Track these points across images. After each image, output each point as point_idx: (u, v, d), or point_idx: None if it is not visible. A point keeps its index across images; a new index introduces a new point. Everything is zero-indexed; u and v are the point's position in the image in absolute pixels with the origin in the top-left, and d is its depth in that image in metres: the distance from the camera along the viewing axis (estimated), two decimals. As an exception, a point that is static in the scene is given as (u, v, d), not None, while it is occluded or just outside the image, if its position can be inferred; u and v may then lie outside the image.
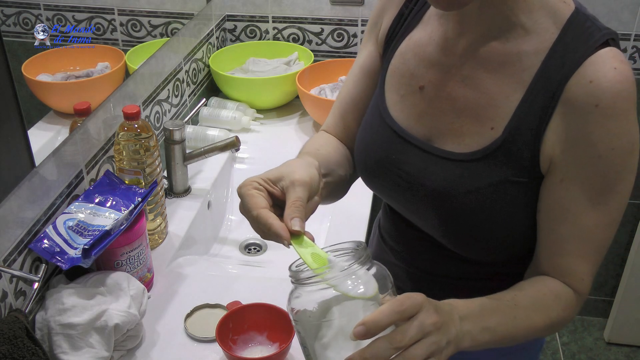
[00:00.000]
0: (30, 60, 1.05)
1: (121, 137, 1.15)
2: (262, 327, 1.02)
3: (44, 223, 1.02)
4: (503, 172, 0.78)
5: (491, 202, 0.79)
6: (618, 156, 0.74)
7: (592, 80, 0.72)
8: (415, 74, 0.86)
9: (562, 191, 0.77)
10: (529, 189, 0.79)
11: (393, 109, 0.88)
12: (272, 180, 0.75)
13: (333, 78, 1.79)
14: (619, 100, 0.72)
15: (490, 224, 0.81)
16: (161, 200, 1.24)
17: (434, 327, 0.64)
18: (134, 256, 1.08)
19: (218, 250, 1.44)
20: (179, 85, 1.57)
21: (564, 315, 0.80)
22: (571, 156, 0.75)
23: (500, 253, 0.86)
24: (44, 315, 0.95)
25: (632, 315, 2.20)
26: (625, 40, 1.80)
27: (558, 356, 2.24)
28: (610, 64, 0.72)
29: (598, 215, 0.77)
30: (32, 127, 1.03)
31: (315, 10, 1.85)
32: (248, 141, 1.64)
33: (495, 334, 0.74)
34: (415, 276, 0.97)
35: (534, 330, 0.79)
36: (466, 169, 0.80)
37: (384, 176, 0.89)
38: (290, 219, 0.70)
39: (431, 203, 0.84)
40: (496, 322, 0.74)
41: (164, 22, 1.49)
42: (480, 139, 0.80)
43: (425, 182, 0.84)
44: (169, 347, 1.03)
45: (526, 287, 0.81)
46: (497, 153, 0.78)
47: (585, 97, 0.72)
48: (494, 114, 0.79)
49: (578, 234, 0.78)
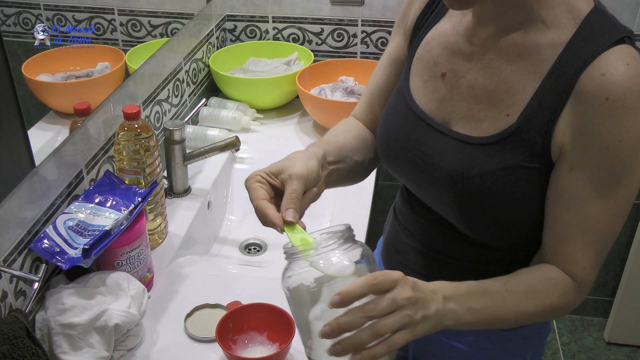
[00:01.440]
0: (30, 60, 1.05)
1: (121, 137, 1.15)
2: (262, 327, 1.02)
3: (44, 223, 1.02)
4: (515, 157, 0.81)
5: (502, 185, 0.82)
6: (626, 148, 0.76)
7: (604, 74, 0.75)
8: (439, 61, 0.91)
9: (571, 179, 0.79)
10: (539, 174, 0.82)
11: (416, 93, 0.93)
12: (273, 173, 0.82)
13: (333, 78, 1.79)
14: (629, 94, 0.74)
15: (500, 207, 0.84)
16: (161, 200, 1.24)
17: (407, 302, 0.69)
18: (134, 256, 1.08)
19: (218, 250, 1.44)
20: (179, 85, 1.57)
21: (560, 303, 0.83)
22: (580, 146, 0.78)
23: (510, 237, 0.88)
24: (44, 315, 0.95)
25: (632, 315, 2.20)
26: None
27: (558, 356, 2.24)
28: (623, 59, 0.75)
29: (604, 206, 0.79)
30: (32, 127, 1.03)
31: (315, 10, 1.85)
32: (248, 141, 1.64)
33: (481, 316, 0.78)
34: (427, 256, 0.99)
35: (525, 315, 0.82)
36: (480, 152, 0.84)
37: (403, 156, 0.93)
38: (285, 210, 0.77)
39: (445, 183, 0.87)
40: (483, 304, 0.78)
41: (164, 22, 1.49)
42: (496, 125, 0.83)
43: (441, 163, 0.88)
44: (169, 347, 1.03)
45: (522, 273, 0.84)
46: (511, 139, 0.82)
47: (597, 89, 0.75)
48: (510, 102, 0.82)
49: (582, 222, 0.81)
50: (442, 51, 0.91)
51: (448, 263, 0.97)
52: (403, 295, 0.69)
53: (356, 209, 1.40)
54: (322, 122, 1.69)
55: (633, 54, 0.76)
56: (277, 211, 0.78)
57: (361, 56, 1.90)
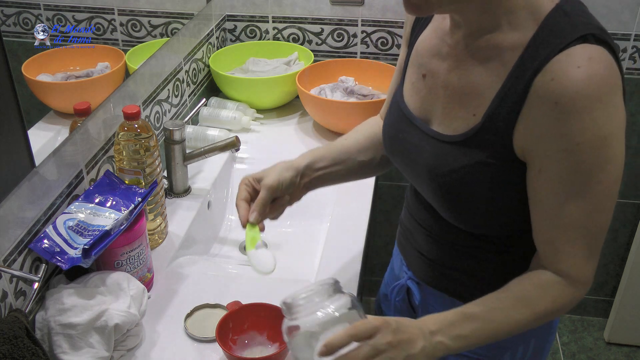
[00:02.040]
0: (30, 60, 1.05)
1: (121, 137, 1.15)
2: (262, 327, 1.02)
3: (44, 223, 1.02)
4: (481, 155, 0.84)
5: (470, 180, 0.86)
6: (587, 150, 0.76)
7: (553, 78, 0.75)
8: (422, 63, 0.96)
9: (541, 181, 0.81)
10: (507, 169, 0.84)
11: (406, 94, 0.99)
12: (256, 179, 1.01)
13: (333, 78, 1.79)
14: (577, 98, 0.74)
15: (474, 200, 0.88)
16: (161, 200, 1.24)
17: (388, 346, 0.77)
18: (134, 256, 1.08)
19: (218, 250, 1.44)
20: (179, 85, 1.57)
21: (555, 306, 0.85)
22: (541, 149, 0.79)
23: (491, 227, 0.92)
24: (44, 315, 0.95)
25: (632, 315, 2.20)
26: (625, 40, 1.79)
27: (558, 356, 2.24)
28: (575, 62, 0.74)
29: (580, 204, 0.80)
30: (32, 127, 1.03)
31: (315, 10, 1.85)
32: (248, 141, 1.64)
33: (471, 339, 0.84)
34: (435, 242, 1.03)
35: (519, 327, 0.85)
36: (450, 149, 0.88)
37: (396, 152, 1.00)
38: (251, 213, 0.97)
39: (425, 178, 0.93)
40: (470, 329, 0.83)
41: (164, 22, 1.49)
42: (464, 124, 0.87)
43: (420, 160, 0.93)
44: (169, 347, 1.03)
45: (510, 286, 0.87)
46: (476, 137, 0.85)
47: (547, 94, 0.76)
48: (476, 102, 0.85)
49: (561, 222, 0.82)
50: (424, 54, 0.95)
51: (453, 248, 1.00)
52: (383, 340, 0.77)
53: (356, 209, 1.40)
54: (322, 122, 1.69)
55: (588, 55, 0.75)
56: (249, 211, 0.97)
57: (361, 56, 1.90)
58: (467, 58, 0.87)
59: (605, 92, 0.75)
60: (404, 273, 1.14)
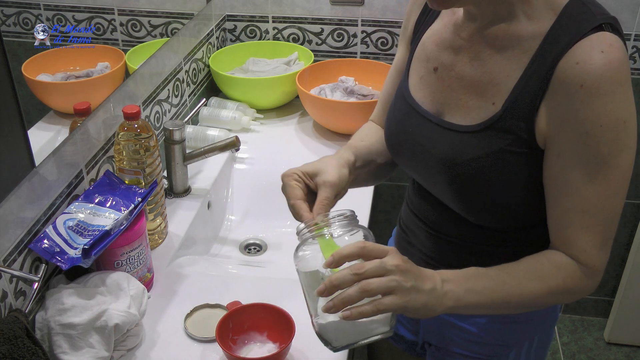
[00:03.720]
0: (30, 60, 1.05)
1: (121, 137, 1.15)
2: (262, 327, 1.02)
3: (44, 223, 1.02)
4: (500, 143, 0.85)
5: (490, 169, 0.87)
6: (608, 132, 0.79)
7: (578, 62, 0.78)
8: (431, 57, 0.96)
9: (560, 165, 0.83)
10: (526, 159, 0.85)
11: (413, 89, 0.99)
12: (309, 174, 0.91)
13: (333, 78, 1.79)
14: (603, 81, 0.77)
15: (491, 190, 0.88)
16: (161, 200, 1.24)
17: (396, 268, 0.75)
18: (134, 256, 1.08)
19: (218, 250, 1.44)
20: (179, 85, 1.57)
21: (567, 285, 0.85)
22: (563, 132, 0.81)
23: (507, 219, 0.92)
24: (44, 315, 0.95)
25: (632, 315, 2.20)
26: (625, 40, 1.79)
27: (558, 356, 2.24)
28: (598, 47, 0.78)
29: (597, 188, 0.81)
30: (32, 127, 1.03)
31: (315, 10, 1.85)
32: (248, 141, 1.64)
33: (482, 296, 0.82)
34: (437, 240, 1.03)
35: (531, 296, 0.85)
36: (469, 139, 0.88)
37: (404, 147, 0.99)
38: (317, 215, 0.86)
39: (439, 170, 0.92)
40: (482, 285, 0.83)
41: (164, 22, 1.49)
42: (482, 113, 0.88)
43: (434, 151, 0.93)
44: (169, 347, 1.03)
45: (525, 259, 0.87)
46: (496, 125, 0.86)
47: (572, 77, 0.78)
48: (495, 91, 0.87)
49: (578, 206, 0.83)
50: (434, 48, 0.96)
51: (457, 245, 1.01)
52: (392, 262, 0.75)
53: (356, 209, 1.40)
54: (322, 122, 1.69)
55: (609, 41, 0.78)
56: (310, 210, 0.87)
57: (361, 56, 1.90)
58: (483, 48, 0.88)
59: (625, 76, 0.78)
60: None
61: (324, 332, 0.79)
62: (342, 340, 0.78)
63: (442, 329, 1.10)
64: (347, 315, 0.74)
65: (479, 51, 0.89)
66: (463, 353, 1.09)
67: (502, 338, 1.06)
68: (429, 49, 0.97)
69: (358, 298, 0.74)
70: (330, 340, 0.79)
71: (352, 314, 0.74)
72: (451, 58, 0.93)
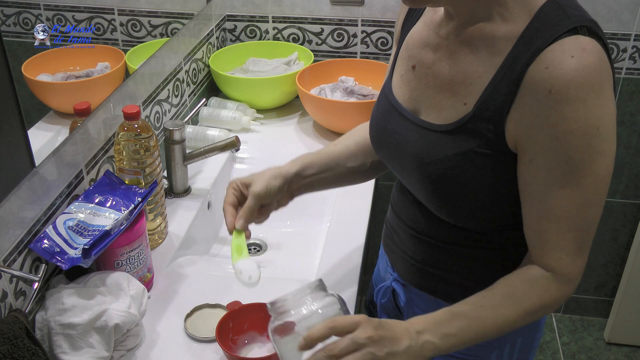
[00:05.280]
0: (30, 60, 1.05)
1: (121, 137, 1.15)
2: (262, 327, 1.02)
3: (44, 223, 1.02)
4: (471, 144, 0.85)
5: (459, 169, 0.86)
6: (579, 138, 0.77)
7: (547, 67, 0.76)
8: (412, 55, 0.96)
9: (532, 171, 0.82)
10: (496, 160, 0.84)
11: (395, 87, 0.99)
12: (245, 184, 1.01)
13: (333, 78, 1.79)
14: (572, 86, 0.75)
15: (461, 190, 0.88)
16: (161, 200, 1.24)
17: (368, 340, 0.76)
18: (134, 256, 1.08)
19: (218, 250, 1.44)
20: (179, 85, 1.57)
21: (542, 302, 0.85)
22: (533, 138, 0.80)
23: (478, 220, 0.92)
24: (44, 315, 0.95)
25: (632, 315, 2.20)
26: (625, 40, 1.80)
27: (558, 356, 2.24)
28: (569, 51, 0.76)
29: (569, 194, 0.80)
30: (32, 127, 1.03)
31: (315, 10, 1.85)
32: (248, 141, 1.64)
33: (459, 338, 0.83)
34: (420, 241, 1.03)
35: (508, 324, 0.85)
36: (440, 138, 0.88)
37: (384, 144, 1.00)
38: (238, 219, 0.99)
39: (413, 168, 0.93)
40: (458, 327, 0.83)
41: (164, 22, 1.49)
42: (454, 113, 0.87)
43: (408, 149, 0.93)
44: (169, 347, 1.03)
45: (498, 284, 0.87)
46: (467, 126, 0.85)
47: (541, 82, 0.77)
48: (467, 91, 0.86)
49: (551, 213, 0.82)
50: (415, 46, 0.96)
51: (438, 247, 1.00)
52: (363, 335, 0.76)
53: (356, 209, 1.40)
54: (322, 122, 1.69)
55: (582, 46, 0.76)
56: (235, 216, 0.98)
57: (361, 56, 1.90)
58: (458, 48, 0.88)
59: (598, 82, 0.76)
60: (389, 274, 1.13)
61: None
62: None
63: None
64: None
65: (454, 50, 0.88)
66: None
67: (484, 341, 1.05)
68: (410, 47, 0.97)
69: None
70: None
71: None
72: (429, 56, 0.92)
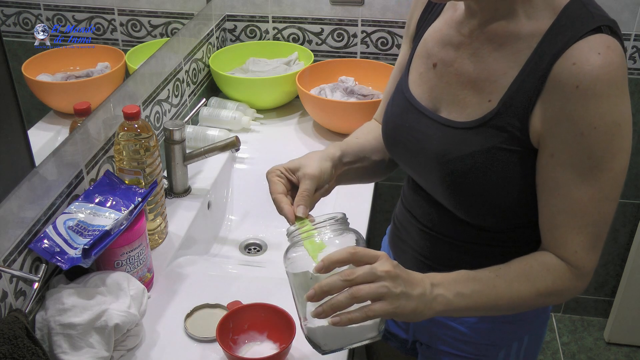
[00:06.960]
0: (30, 60, 1.05)
1: (121, 137, 1.15)
2: (262, 327, 1.02)
3: (44, 223, 1.02)
4: (495, 140, 0.86)
5: (483, 166, 0.87)
6: (602, 134, 0.79)
7: (574, 63, 0.78)
8: (432, 53, 0.97)
9: (553, 165, 0.83)
10: (519, 157, 0.85)
11: (412, 85, 0.99)
12: (291, 169, 0.92)
13: (333, 78, 1.79)
14: (598, 83, 0.77)
15: (483, 187, 0.88)
16: (161, 200, 1.24)
17: (385, 274, 0.75)
18: (134, 256, 1.08)
19: (218, 250, 1.44)
20: (179, 85, 1.57)
21: (556, 287, 0.86)
22: (557, 132, 0.81)
23: (500, 219, 0.92)
24: (44, 315, 0.95)
25: (632, 315, 2.20)
26: (625, 40, 1.79)
27: (558, 356, 2.24)
28: (595, 49, 0.78)
29: (588, 190, 0.81)
30: (32, 127, 1.03)
31: (315, 10, 1.85)
32: (248, 141, 1.64)
33: (471, 300, 0.82)
34: (431, 238, 1.03)
35: (520, 300, 0.85)
36: (463, 135, 0.89)
37: (400, 142, 1.00)
38: (297, 206, 0.87)
39: (433, 166, 0.92)
40: (472, 289, 0.83)
41: (164, 22, 1.49)
42: (478, 110, 0.88)
43: (428, 146, 0.93)
44: (169, 347, 1.03)
45: (515, 261, 0.88)
46: (491, 123, 0.86)
47: (568, 78, 0.78)
48: (492, 88, 0.87)
49: (569, 207, 0.83)
50: (435, 45, 0.96)
51: (450, 244, 1.00)
52: (382, 268, 0.75)
53: (356, 209, 1.40)
54: (322, 122, 1.69)
55: (607, 44, 0.78)
56: (292, 204, 0.88)
57: (361, 56, 1.90)
58: (482, 45, 0.89)
59: (621, 79, 0.78)
60: None
61: (312, 336, 0.80)
62: (331, 345, 0.79)
63: (432, 327, 1.10)
64: (337, 321, 0.74)
65: (478, 48, 0.89)
66: (452, 352, 1.09)
67: (491, 338, 1.06)
68: (430, 46, 0.97)
69: (347, 304, 0.74)
70: (319, 344, 0.80)
71: (341, 320, 0.74)
72: (451, 54, 0.93)
